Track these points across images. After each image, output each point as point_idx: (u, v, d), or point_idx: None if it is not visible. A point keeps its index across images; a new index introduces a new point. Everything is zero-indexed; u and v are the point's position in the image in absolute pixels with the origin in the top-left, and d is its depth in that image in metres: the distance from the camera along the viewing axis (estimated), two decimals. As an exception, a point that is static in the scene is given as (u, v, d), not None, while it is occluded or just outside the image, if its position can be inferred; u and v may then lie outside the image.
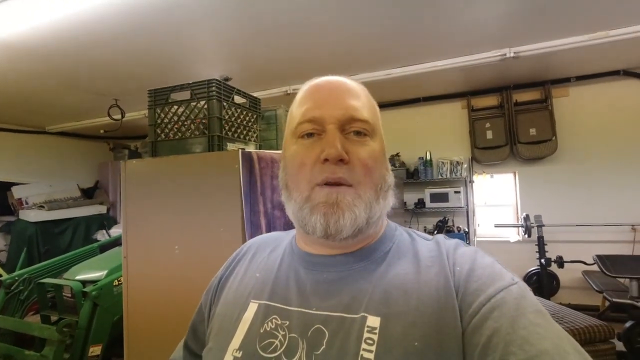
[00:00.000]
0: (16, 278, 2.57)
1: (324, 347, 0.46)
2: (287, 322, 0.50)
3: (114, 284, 2.24)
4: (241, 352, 0.50)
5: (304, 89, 0.57)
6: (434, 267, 0.49)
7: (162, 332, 1.18)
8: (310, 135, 0.52)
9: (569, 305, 3.24)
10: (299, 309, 0.50)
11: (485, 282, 0.45)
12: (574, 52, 2.91)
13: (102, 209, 4.87)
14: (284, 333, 0.49)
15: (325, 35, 2.56)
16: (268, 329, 0.50)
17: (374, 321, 0.45)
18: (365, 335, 0.44)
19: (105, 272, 2.39)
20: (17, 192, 4.48)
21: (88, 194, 5.16)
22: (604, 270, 2.99)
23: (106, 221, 4.70)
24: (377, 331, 0.44)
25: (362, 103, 0.54)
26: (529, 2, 2.22)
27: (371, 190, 0.51)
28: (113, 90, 3.52)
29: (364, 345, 0.44)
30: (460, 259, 0.49)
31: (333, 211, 0.49)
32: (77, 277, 2.41)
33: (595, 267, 3.16)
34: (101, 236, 4.39)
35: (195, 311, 0.66)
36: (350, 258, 0.53)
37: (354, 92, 0.54)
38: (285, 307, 0.52)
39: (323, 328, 0.47)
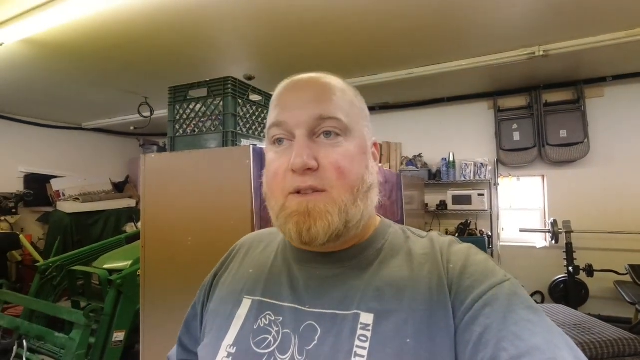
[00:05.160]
0: (50, 265, 2.74)
1: (315, 342, 0.46)
2: (281, 318, 0.50)
3: (137, 273, 2.34)
4: (235, 348, 0.50)
5: (276, 91, 0.54)
6: (427, 264, 0.49)
7: (177, 319, 1.23)
8: (281, 141, 0.51)
9: (599, 317, 3.08)
10: (292, 305, 0.51)
11: (477, 279, 0.45)
12: (610, 50, 2.76)
13: (131, 203, 5.09)
14: (277, 329, 0.50)
15: (349, 34, 2.56)
16: (262, 325, 0.51)
17: (367, 318, 0.46)
18: (359, 332, 0.45)
19: (129, 262, 2.50)
20: (55, 185, 4.77)
21: (119, 188, 5.41)
22: (637, 281, 2.84)
23: (135, 214, 4.89)
24: (370, 328, 0.45)
25: (335, 102, 0.50)
26: (557, -2, 2.13)
27: (346, 193, 0.48)
28: (143, 89, 3.68)
29: (357, 342, 0.44)
30: (453, 257, 0.49)
31: (304, 220, 0.47)
32: (104, 266, 2.54)
33: (628, 277, 3.00)
34: (130, 228, 4.59)
35: (190, 307, 0.67)
36: (341, 256, 0.53)
37: (326, 91, 0.50)
38: (278, 303, 0.52)
39: (315, 324, 0.48)
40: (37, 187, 4.71)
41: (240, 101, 1.30)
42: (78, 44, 2.62)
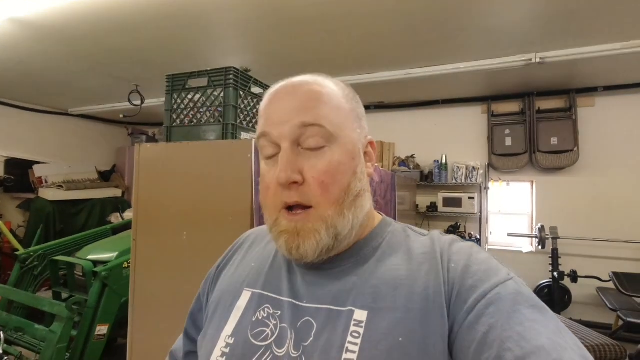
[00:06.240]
0: (31, 254, 2.65)
1: (311, 338, 0.47)
2: (279, 312, 0.51)
3: (124, 266, 2.28)
4: (233, 339, 0.51)
5: (263, 99, 0.55)
6: (426, 264, 0.49)
7: (167, 315, 1.19)
8: (271, 154, 0.51)
9: (581, 322, 3.15)
10: (290, 300, 0.52)
11: (480, 278, 0.44)
12: (604, 60, 2.80)
13: (117, 192, 4.97)
14: (275, 323, 0.50)
15: (346, 32, 2.53)
16: (260, 318, 0.52)
17: (361, 315, 0.46)
18: (352, 328, 0.45)
19: (115, 254, 2.44)
20: (37, 171, 4.61)
21: (105, 177, 5.27)
22: (620, 288, 2.91)
23: (121, 204, 4.78)
24: (363, 325, 0.45)
25: (319, 110, 0.49)
26: (558, 6, 2.15)
27: (332, 207, 0.48)
28: (134, 76, 3.57)
29: (349, 338, 0.44)
30: (455, 256, 0.48)
31: (294, 239, 0.49)
32: (89, 257, 2.46)
33: (610, 284, 3.07)
34: (115, 219, 4.48)
35: (194, 299, 0.67)
36: (339, 255, 0.53)
37: (309, 99, 0.50)
38: (277, 297, 0.53)
39: (312, 320, 0.48)
40: (19, 172, 4.54)
41: (241, 93, 1.27)
42: (69, 27, 2.52)
